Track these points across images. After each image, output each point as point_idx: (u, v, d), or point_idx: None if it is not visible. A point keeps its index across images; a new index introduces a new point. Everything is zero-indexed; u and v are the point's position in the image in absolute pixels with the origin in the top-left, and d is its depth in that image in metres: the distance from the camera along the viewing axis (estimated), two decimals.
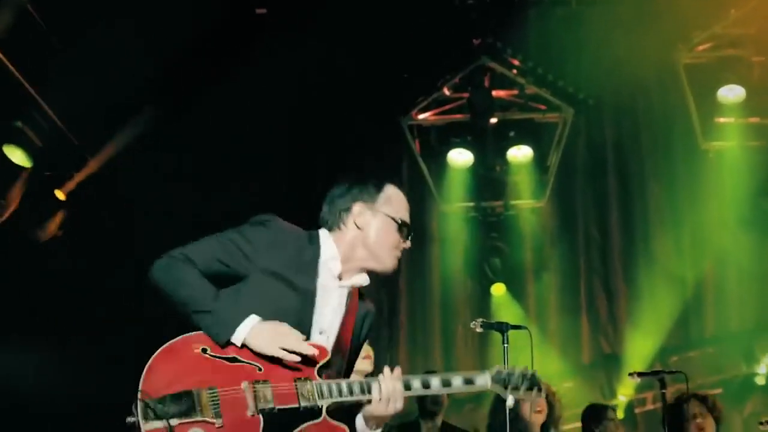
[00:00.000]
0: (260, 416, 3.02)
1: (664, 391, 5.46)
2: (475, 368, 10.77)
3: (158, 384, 2.96)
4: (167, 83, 8.18)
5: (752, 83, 9.83)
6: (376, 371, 3.71)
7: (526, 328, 4.39)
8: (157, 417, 2.89)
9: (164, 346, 3.06)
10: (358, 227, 3.40)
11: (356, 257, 3.44)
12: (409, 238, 3.49)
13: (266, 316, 3.14)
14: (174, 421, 2.90)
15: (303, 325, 3.24)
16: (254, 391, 3.05)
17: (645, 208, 10.66)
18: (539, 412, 5.51)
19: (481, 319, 4.36)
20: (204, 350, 3.09)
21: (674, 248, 10.27)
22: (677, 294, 10.07)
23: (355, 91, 9.46)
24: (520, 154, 10.42)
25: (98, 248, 8.30)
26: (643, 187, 10.70)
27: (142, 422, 2.87)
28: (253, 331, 3.07)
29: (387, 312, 10.54)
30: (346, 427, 3.25)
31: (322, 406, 3.17)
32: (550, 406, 5.53)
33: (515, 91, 10.45)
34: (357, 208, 3.42)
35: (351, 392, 3.23)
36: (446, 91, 10.55)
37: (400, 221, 3.44)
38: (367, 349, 5.38)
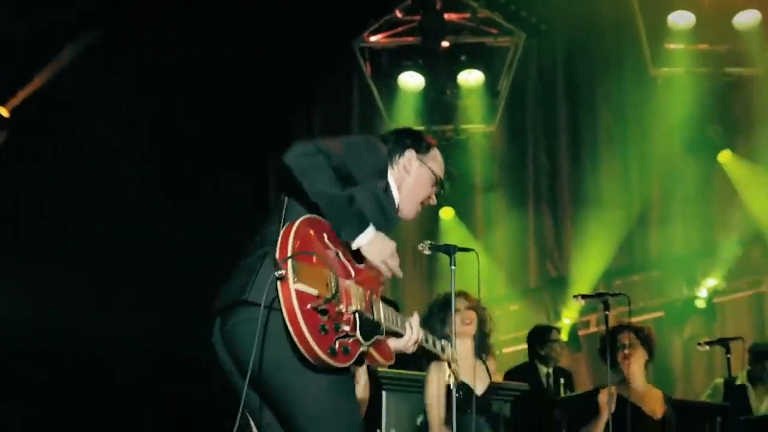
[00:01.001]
0: (356, 315, 3.23)
1: (607, 313, 5.52)
2: (422, 291, 10.84)
3: (304, 249, 3.11)
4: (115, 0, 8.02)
5: (702, 9, 9.87)
6: None
7: (473, 250, 4.43)
8: (307, 282, 3.03)
9: (304, 217, 3.20)
10: (406, 171, 3.63)
11: (401, 201, 3.65)
12: (439, 195, 3.73)
13: None
14: (315, 291, 3.04)
15: None
16: (356, 292, 3.28)
17: (594, 134, 10.73)
18: (468, 324, 5.56)
19: (429, 242, 4.40)
20: (324, 235, 3.27)
21: (621, 173, 10.37)
22: (623, 218, 10.21)
23: (306, 13, 9.34)
24: (471, 78, 10.41)
25: (42, 166, 8.19)
26: (592, 112, 10.76)
27: (292, 280, 3.01)
28: (371, 241, 3.29)
29: None
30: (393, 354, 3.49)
31: (383, 326, 3.39)
32: (481, 320, 5.59)
33: (467, 15, 10.40)
34: (409, 153, 3.64)
35: (397, 324, 3.47)
36: (398, 14, 10.46)
37: (437, 177, 3.68)
38: None
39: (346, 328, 3.14)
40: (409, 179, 3.63)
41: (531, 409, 6.73)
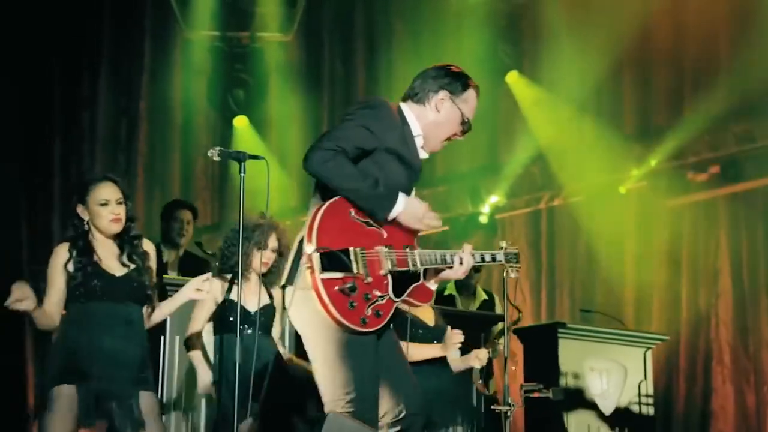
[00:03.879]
0: (388, 276, 3.70)
1: None
2: (212, 198, 10.76)
3: (326, 240, 3.58)
4: None
5: None
6: None
7: (263, 158, 4.42)
8: (331, 269, 3.54)
9: (327, 205, 3.64)
10: (437, 110, 3.93)
11: (426, 136, 3.98)
12: (465, 133, 4.03)
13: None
14: (340, 274, 3.55)
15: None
16: (387, 255, 3.72)
17: (389, 47, 10.81)
18: (265, 263, 5.59)
19: (219, 148, 4.37)
20: (350, 212, 3.72)
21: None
22: None
23: None
24: None
25: None
26: (388, 25, 10.84)
27: (318, 271, 3.53)
28: (403, 211, 3.74)
29: (125, 138, 10.29)
30: (434, 290, 3.96)
31: (420, 271, 3.85)
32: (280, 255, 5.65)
33: None
34: (442, 94, 3.95)
35: (440, 261, 3.90)
36: None
37: (466, 119, 3.98)
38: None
39: (378, 293, 3.65)
40: (439, 117, 3.94)
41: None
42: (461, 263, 3.90)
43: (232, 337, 5.02)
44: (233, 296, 5.35)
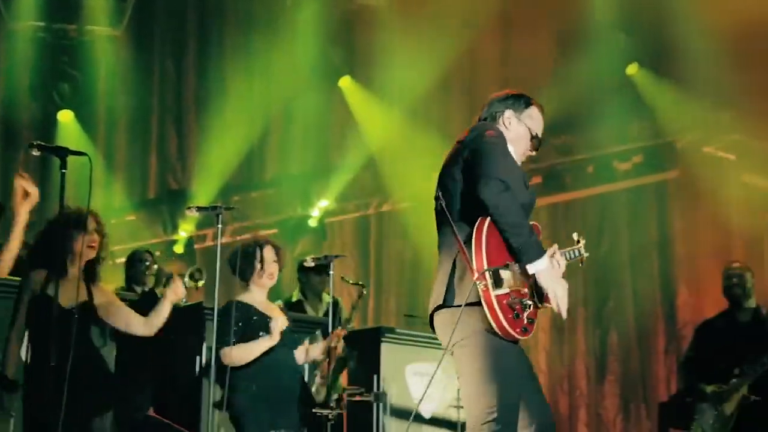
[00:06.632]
0: (531, 285, 3.86)
1: (220, 226, 5.55)
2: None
3: (494, 256, 3.78)
4: None
5: None
6: None
7: (86, 154, 4.30)
8: (502, 285, 3.73)
9: (487, 224, 3.80)
10: (506, 127, 4.17)
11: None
12: (538, 149, 4.26)
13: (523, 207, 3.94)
14: (508, 289, 3.75)
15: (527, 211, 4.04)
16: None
17: (221, 50, 10.73)
18: (92, 247, 5.30)
19: (38, 142, 4.26)
20: None
21: (246, 91, 10.45)
22: (245, 136, 10.32)
23: None
24: None
25: None
26: (221, 27, 10.76)
27: (492, 288, 3.72)
28: (545, 269, 3.85)
29: None
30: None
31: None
32: (102, 236, 5.35)
33: None
34: (508, 113, 4.20)
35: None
36: None
37: (534, 134, 4.21)
38: None
39: (530, 302, 3.82)
40: (510, 134, 4.15)
41: None
42: (559, 265, 4.02)
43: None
44: (49, 292, 5.07)
